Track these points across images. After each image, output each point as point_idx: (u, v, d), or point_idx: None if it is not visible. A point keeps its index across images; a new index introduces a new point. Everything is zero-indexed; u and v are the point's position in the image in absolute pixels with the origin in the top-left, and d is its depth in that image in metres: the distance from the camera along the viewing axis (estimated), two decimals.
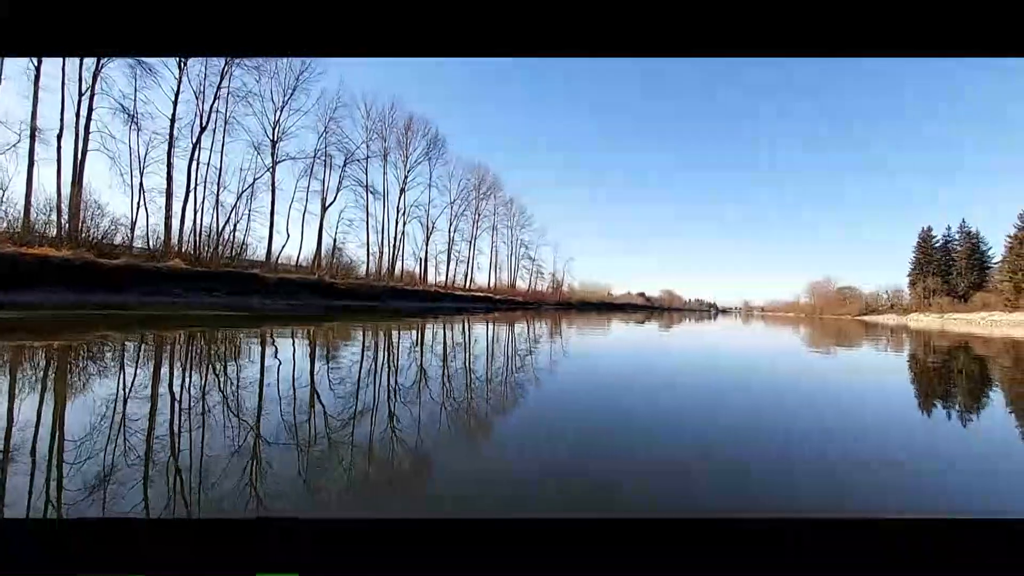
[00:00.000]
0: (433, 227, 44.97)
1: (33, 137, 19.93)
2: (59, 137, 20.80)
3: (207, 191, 27.04)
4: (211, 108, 26.51)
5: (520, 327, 13.14)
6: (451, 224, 47.67)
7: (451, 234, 47.90)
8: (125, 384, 3.36)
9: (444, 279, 47.24)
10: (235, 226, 28.23)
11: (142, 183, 24.39)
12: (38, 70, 20.07)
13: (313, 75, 30.36)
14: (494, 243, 56.02)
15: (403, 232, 41.35)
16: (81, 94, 21.31)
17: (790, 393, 4.23)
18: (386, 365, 5.02)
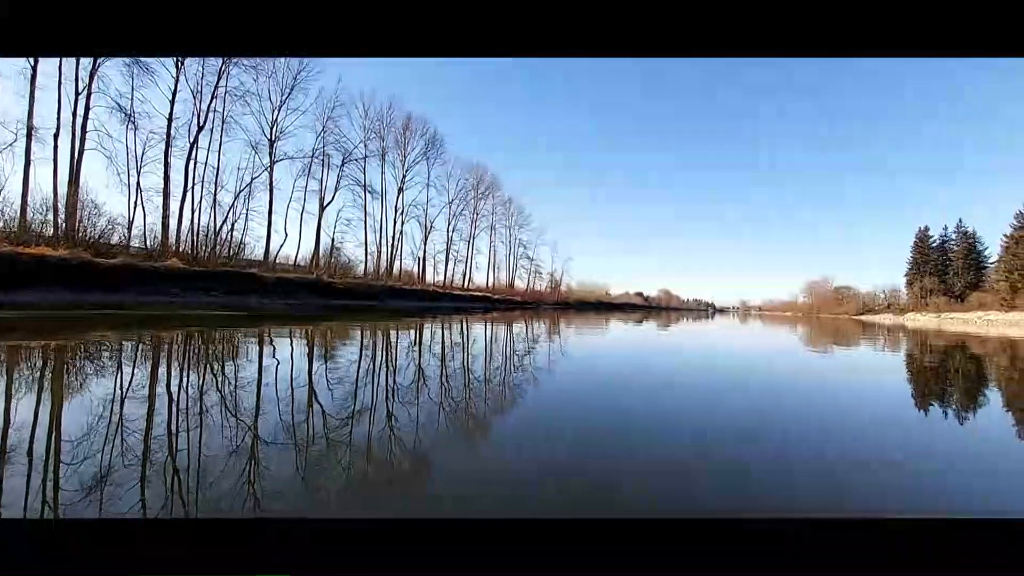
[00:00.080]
0: (431, 227, 44.99)
1: (30, 136, 19.85)
2: (56, 136, 20.73)
3: (204, 190, 26.97)
4: (208, 107, 26.45)
5: (518, 327, 13.14)
6: (449, 224, 47.70)
7: (449, 234, 47.92)
8: (122, 384, 3.35)
9: (442, 279, 47.25)
10: (233, 225, 28.17)
11: (139, 182, 24.34)
12: (34, 69, 19.98)
13: (311, 74, 30.36)
14: (492, 243, 56.09)
15: (401, 232, 41.37)
16: (78, 93, 21.24)
17: (788, 392, 4.24)
18: (384, 365, 5.01)
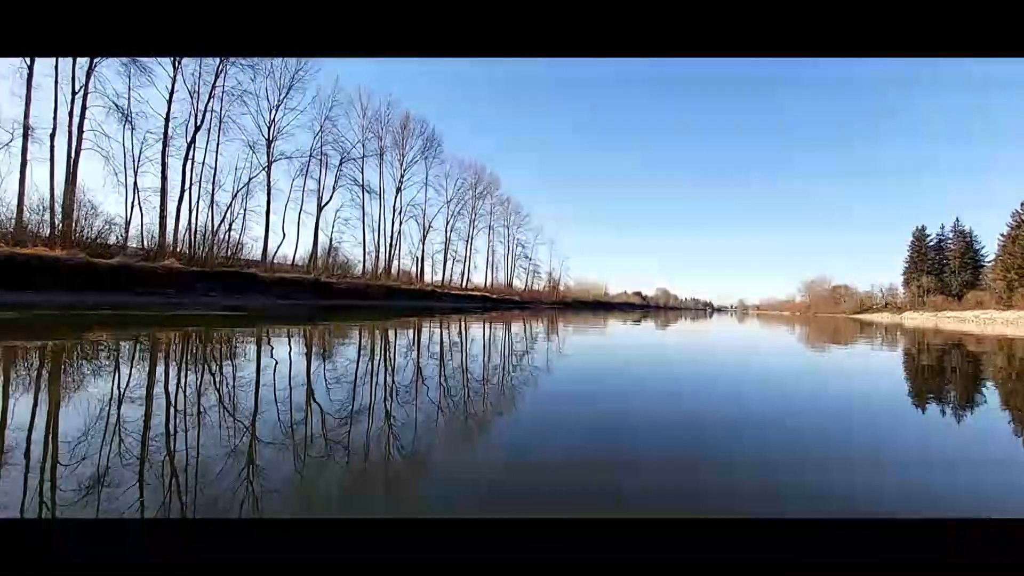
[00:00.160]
0: (429, 226, 45.01)
1: (26, 136, 19.80)
2: (52, 136, 20.66)
3: (202, 190, 26.96)
4: (206, 107, 26.42)
5: (517, 326, 13.15)
6: (448, 223, 47.72)
7: (448, 233, 47.94)
8: (119, 384, 3.34)
9: (441, 278, 47.25)
10: (231, 226, 28.14)
11: (136, 182, 24.29)
12: (31, 69, 19.91)
13: (308, 73, 30.35)
14: (491, 242, 56.13)
15: (399, 231, 41.38)
16: (75, 93, 21.16)
17: (787, 392, 4.25)
18: (383, 365, 5.00)
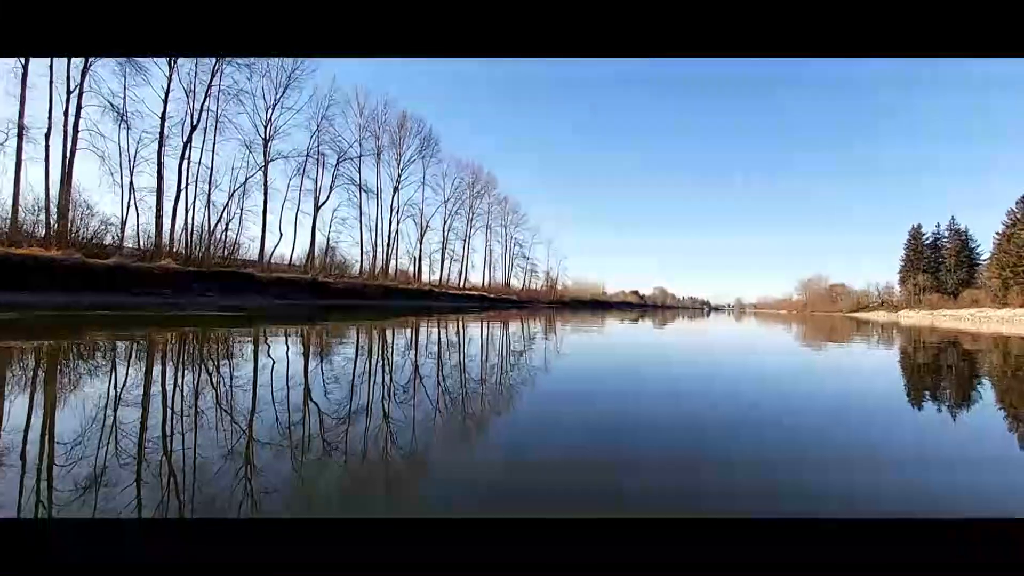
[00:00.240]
0: (427, 226, 44.96)
1: (20, 136, 19.67)
2: (47, 136, 20.54)
3: (198, 190, 26.86)
4: (202, 106, 26.32)
5: (514, 326, 13.15)
6: (445, 223, 47.68)
7: (445, 233, 47.91)
8: (116, 384, 3.32)
9: (438, 278, 47.21)
10: (227, 225, 28.05)
11: (132, 182, 24.19)
12: (25, 68, 19.80)
13: (305, 72, 30.25)
14: (488, 242, 56.11)
15: (397, 231, 41.32)
16: (69, 92, 21.05)
17: (785, 391, 4.26)
18: (382, 364, 5.00)
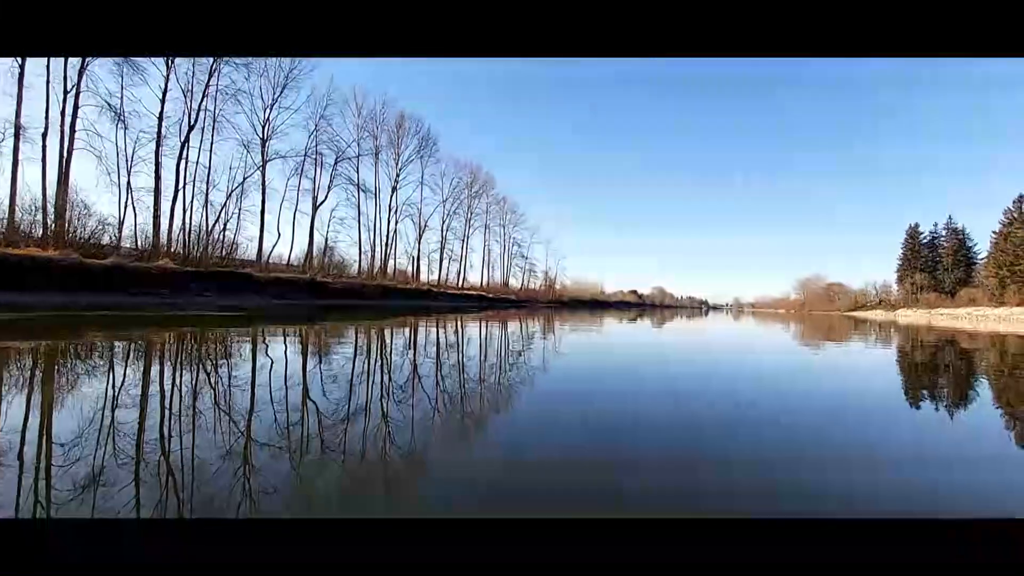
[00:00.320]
0: (425, 225, 44.90)
1: (17, 136, 19.60)
2: (44, 136, 20.46)
3: (196, 190, 26.78)
4: (200, 106, 26.23)
5: (513, 325, 13.15)
6: (444, 222, 47.62)
7: (444, 232, 47.85)
8: (115, 385, 3.32)
9: (437, 278, 47.17)
10: (225, 225, 27.98)
11: (130, 182, 24.11)
12: (22, 68, 19.72)
13: (303, 72, 30.15)
14: (487, 242, 56.07)
15: (395, 231, 41.26)
16: (66, 92, 20.96)
17: (783, 390, 4.27)
18: (380, 364, 5.00)
